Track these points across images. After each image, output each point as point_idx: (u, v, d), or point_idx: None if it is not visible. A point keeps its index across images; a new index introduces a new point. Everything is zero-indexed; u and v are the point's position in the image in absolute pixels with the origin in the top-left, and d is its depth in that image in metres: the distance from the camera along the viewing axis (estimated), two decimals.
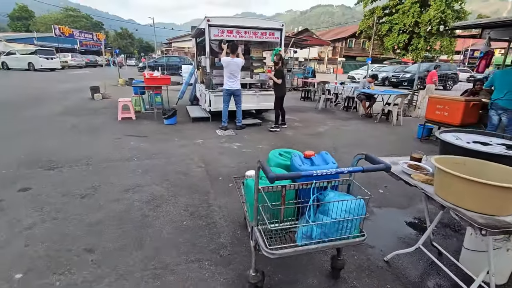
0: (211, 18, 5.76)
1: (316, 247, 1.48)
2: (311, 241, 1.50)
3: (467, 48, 39.84)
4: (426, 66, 18.49)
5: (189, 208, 2.86)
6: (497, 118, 4.36)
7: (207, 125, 6.46)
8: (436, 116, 5.35)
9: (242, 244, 2.33)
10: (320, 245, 1.49)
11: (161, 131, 5.80)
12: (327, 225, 1.48)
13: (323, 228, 1.49)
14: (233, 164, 4.11)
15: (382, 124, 7.24)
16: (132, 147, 4.71)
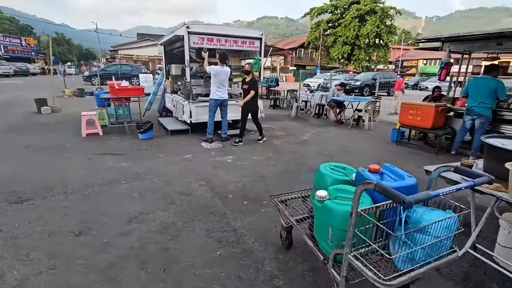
0: (190, 25, 5.44)
1: (425, 270, 1.37)
2: (415, 264, 1.39)
3: (398, 59, 45.25)
4: (372, 75, 20.42)
5: (213, 235, 2.54)
6: (470, 123, 4.88)
7: (188, 138, 6.03)
8: (409, 120, 5.81)
9: (292, 270, 2.13)
10: (427, 266, 1.39)
11: (139, 147, 5.21)
12: (430, 245, 1.39)
13: (426, 249, 1.40)
14: (235, 179, 3.84)
15: (355, 129, 7.64)
16: (113, 168, 4.11)
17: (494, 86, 4.67)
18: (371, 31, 33.05)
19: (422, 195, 1.15)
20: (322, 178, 2.01)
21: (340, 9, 36.14)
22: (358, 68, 36.70)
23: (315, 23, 37.84)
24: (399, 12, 34.21)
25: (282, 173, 4.16)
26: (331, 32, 36.27)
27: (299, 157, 4.95)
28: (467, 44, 5.48)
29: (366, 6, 32.93)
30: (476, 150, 4.85)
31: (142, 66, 22.63)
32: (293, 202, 2.45)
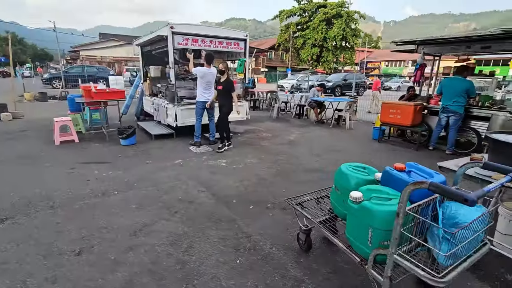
0: (175, 25, 5.23)
1: (468, 264, 1.43)
2: (456, 260, 1.44)
3: (363, 60, 47.73)
4: (342, 76, 21.29)
5: (228, 242, 2.44)
6: (445, 120, 5.26)
7: (174, 142, 5.79)
8: (390, 119, 6.12)
9: (316, 273, 2.10)
10: (469, 260, 1.44)
11: (124, 154, 4.88)
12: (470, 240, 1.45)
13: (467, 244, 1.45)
14: (235, 183, 3.76)
15: (336, 129, 7.87)
16: (101, 178, 3.80)
17: (466, 86, 5.08)
18: (337, 34, 34.48)
19: (479, 191, 1.19)
20: (345, 178, 2.02)
21: (308, 12, 37.25)
22: (327, 69, 38.09)
23: (285, 25, 38.64)
24: (363, 17, 36.06)
25: (279, 174, 4.15)
26: (300, 35, 37.26)
27: (291, 158, 4.97)
28: (440, 46, 5.90)
29: (333, 10, 34.31)
30: (451, 145, 5.24)
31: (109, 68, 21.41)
32: (307, 204, 2.44)
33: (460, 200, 1.14)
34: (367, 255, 1.65)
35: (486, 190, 1.22)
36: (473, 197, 1.11)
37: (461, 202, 1.15)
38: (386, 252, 1.49)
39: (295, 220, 2.83)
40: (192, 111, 5.74)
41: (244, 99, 6.69)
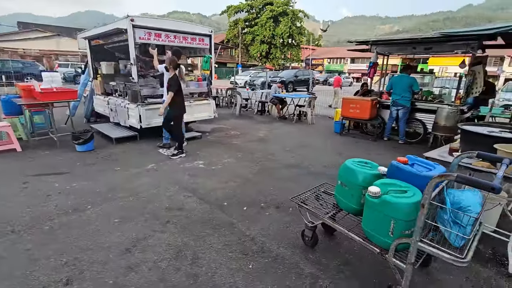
0: (135, 18, 4.78)
1: (476, 242, 1.63)
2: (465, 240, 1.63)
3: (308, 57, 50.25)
4: (294, 73, 22.13)
5: (234, 248, 2.37)
6: (395, 112, 5.88)
7: (139, 145, 5.34)
8: (350, 113, 6.60)
9: (329, 267, 2.18)
10: (476, 238, 1.65)
11: (83, 162, 4.33)
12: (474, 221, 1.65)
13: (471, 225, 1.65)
14: (221, 185, 3.64)
15: (299, 124, 8.18)
16: (64, 191, 3.32)
17: (410, 82, 5.74)
18: (284, 31, 35.64)
19: (498, 179, 1.36)
20: (353, 174, 2.11)
21: (256, 9, 37.64)
22: (275, 65, 39.18)
23: (233, 21, 38.47)
24: (307, 16, 37.87)
25: (261, 172, 4.15)
26: (249, 31, 37.50)
27: (267, 155, 5.02)
28: (389, 47, 6.53)
29: (279, 8, 35.25)
30: (402, 135, 5.91)
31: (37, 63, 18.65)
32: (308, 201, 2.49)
33: (488, 189, 1.29)
34: (386, 245, 1.76)
35: (499, 176, 1.41)
36: (498, 185, 1.27)
37: (489, 191, 1.30)
38: (409, 241, 1.62)
39: (292, 217, 2.88)
40: (157, 111, 5.37)
41: (210, 98, 6.49)
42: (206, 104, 6.28)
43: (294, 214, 2.94)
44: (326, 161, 4.76)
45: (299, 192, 3.37)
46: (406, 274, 1.66)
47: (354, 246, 2.43)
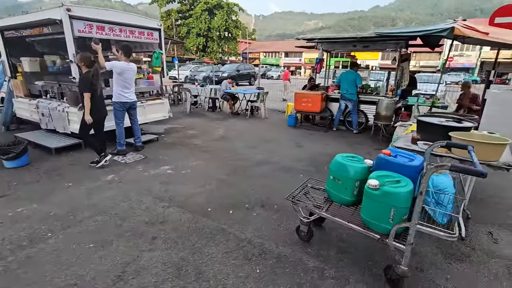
0: (72, 7, 4.11)
1: (458, 216, 1.93)
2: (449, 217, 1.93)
3: (245, 51, 50.76)
4: (236, 67, 22.09)
5: (234, 255, 2.32)
6: (344, 105, 6.46)
7: (87, 154, 4.67)
8: (303, 107, 6.98)
9: (329, 257, 2.32)
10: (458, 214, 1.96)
11: (20, 181, 3.61)
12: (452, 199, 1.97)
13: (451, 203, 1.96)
14: (197, 190, 3.49)
15: (253, 119, 8.29)
16: (9, 220, 2.73)
17: (354, 77, 6.37)
18: (221, 24, 35.18)
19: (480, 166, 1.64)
20: (344, 168, 2.26)
21: (189, 0, 36.12)
22: (213, 59, 38.51)
23: (165, 12, 36.21)
24: (242, 9, 38.01)
25: (234, 172, 4.10)
26: (184, 23, 35.87)
27: (234, 154, 4.97)
28: (333, 44, 7.06)
29: (213, 0, 34.52)
30: (356, 126, 6.53)
31: None
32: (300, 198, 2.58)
33: (478, 174, 1.55)
34: (386, 231, 1.96)
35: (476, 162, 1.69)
36: (486, 172, 1.54)
37: (479, 176, 1.56)
38: (408, 224, 1.84)
39: (279, 215, 2.96)
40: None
41: (164, 96, 6.06)
42: (159, 104, 5.85)
43: (281, 211, 3.02)
44: (291, 155, 4.96)
45: (277, 188, 3.51)
46: (406, 253, 1.89)
47: (343, 234, 2.64)
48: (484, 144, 2.29)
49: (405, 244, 1.88)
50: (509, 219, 3.00)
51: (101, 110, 4.10)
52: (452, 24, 4.23)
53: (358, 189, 2.25)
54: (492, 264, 2.31)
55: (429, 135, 2.85)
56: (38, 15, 4.37)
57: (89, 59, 3.88)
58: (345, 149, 5.37)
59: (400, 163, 2.09)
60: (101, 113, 4.11)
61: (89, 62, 3.87)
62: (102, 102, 4.16)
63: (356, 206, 2.34)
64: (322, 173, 4.11)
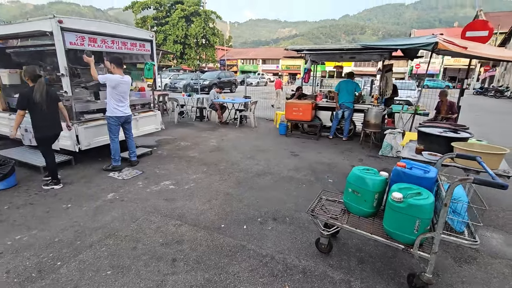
0: (64, 19, 3.92)
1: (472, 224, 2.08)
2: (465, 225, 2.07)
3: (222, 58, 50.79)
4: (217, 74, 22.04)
5: (260, 272, 2.31)
6: (341, 113, 6.68)
7: (78, 171, 4.45)
8: (294, 116, 7.12)
9: (351, 268, 2.38)
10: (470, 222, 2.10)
11: (11, 204, 3.35)
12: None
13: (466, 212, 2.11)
14: (205, 206, 3.43)
15: (243, 128, 8.30)
16: (9, 249, 2.52)
17: (354, 86, 6.62)
18: (198, 31, 35.04)
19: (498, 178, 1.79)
20: (363, 181, 2.35)
21: (165, 7, 35.64)
22: (191, 66, 38.16)
23: (140, 18, 35.41)
24: (219, 17, 38.13)
25: (237, 185, 4.09)
26: (160, 30, 35.28)
27: (232, 165, 4.96)
28: (320, 55, 7.32)
29: (190, 8, 34.37)
30: (346, 133, 6.76)
31: None
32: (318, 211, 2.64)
33: (499, 187, 1.69)
34: (410, 241, 2.07)
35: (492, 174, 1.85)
36: (507, 184, 1.68)
37: (500, 188, 1.70)
38: (433, 234, 1.95)
39: (293, 228, 3.00)
40: (98, 129, 4.64)
41: (156, 108, 5.92)
42: (152, 116, 5.71)
43: (294, 224, 3.06)
44: (289, 164, 5.04)
45: (284, 200, 3.57)
46: (431, 262, 2.00)
47: (358, 244, 2.72)
48: (486, 154, 2.49)
49: (429, 253, 2.00)
50: (500, 220, 3.26)
51: (50, 127, 3.74)
52: (436, 39, 4.55)
53: (377, 201, 2.36)
54: (497, 264, 2.50)
55: (431, 145, 3.05)
56: (26, 26, 4.12)
57: (33, 73, 3.64)
58: (338, 157, 5.55)
59: (418, 175, 2.22)
60: (50, 130, 3.75)
61: (34, 77, 3.62)
62: (54, 119, 3.77)
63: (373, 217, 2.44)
64: (322, 182, 4.23)
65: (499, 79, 28.01)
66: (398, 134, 5.47)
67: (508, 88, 22.38)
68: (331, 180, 4.37)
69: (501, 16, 38.00)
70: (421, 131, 3.16)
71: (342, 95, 6.59)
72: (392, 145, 5.50)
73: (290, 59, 46.27)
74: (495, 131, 8.46)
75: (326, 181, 4.30)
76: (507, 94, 21.49)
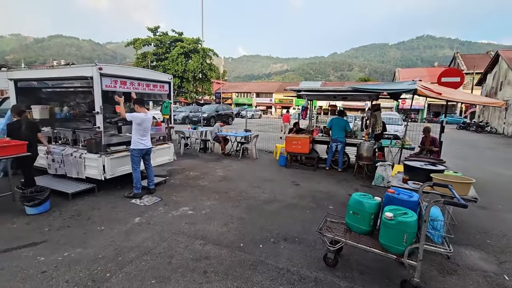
0: (103, 66, 4.64)
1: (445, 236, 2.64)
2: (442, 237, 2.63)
3: (218, 91, 52.82)
4: (215, 107, 23.06)
5: (280, 281, 2.76)
6: (335, 147, 7.39)
7: (103, 198, 4.88)
8: (293, 149, 7.79)
9: (355, 278, 2.86)
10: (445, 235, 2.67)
11: (50, 226, 3.75)
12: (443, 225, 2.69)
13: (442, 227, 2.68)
14: (224, 228, 3.89)
15: (245, 159, 8.89)
16: (61, 264, 2.92)
17: (344, 123, 7.41)
18: (196, 67, 36.97)
19: (461, 200, 2.40)
20: (362, 205, 2.94)
21: (165, 44, 37.85)
22: (188, 99, 39.61)
23: (141, 53, 37.40)
24: (216, 54, 40.50)
25: (249, 210, 4.57)
26: (159, 65, 37.10)
27: (241, 193, 5.46)
28: (317, 95, 8.22)
29: (190, 45, 36.62)
30: (341, 165, 7.42)
31: None
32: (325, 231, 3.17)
33: (462, 206, 2.29)
34: (401, 252, 2.60)
35: (458, 197, 2.46)
36: (467, 204, 2.29)
37: (462, 207, 2.30)
38: (418, 245, 2.50)
39: (303, 246, 3.48)
40: (122, 160, 5.16)
41: (170, 141, 6.52)
42: (166, 148, 6.28)
43: (302, 243, 3.54)
44: (292, 193, 5.58)
45: (291, 223, 4.10)
46: (418, 268, 2.52)
47: (359, 259, 3.21)
48: (457, 183, 3.13)
49: (416, 260, 2.53)
50: (476, 240, 3.82)
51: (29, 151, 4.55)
52: (415, 86, 5.43)
53: (373, 220, 2.92)
54: (474, 275, 3.01)
55: (415, 175, 3.69)
56: (71, 71, 4.81)
57: (19, 110, 4.74)
58: (335, 186, 6.14)
59: (404, 199, 2.82)
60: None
61: (19, 112, 4.71)
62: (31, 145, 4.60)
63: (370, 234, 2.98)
64: (323, 209, 4.75)
65: (479, 115, 30.02)
66: (388, 166, 6.15)
67: (488, 124, 24.02)
68: (331, 206, 4.91)
69: (476, 58, 41.62)
70: (406, 164, 3.82)
71: (334, 131, 7.35)
72: (383, 176, 6.14)
73: (283, 93, 48.47)
74: (473, 164, 9.28)
75: (326, 208, 4.83)
76: (487, 129, 23.03)
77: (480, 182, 6.17)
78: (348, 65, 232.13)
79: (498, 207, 5.17)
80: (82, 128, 5.39)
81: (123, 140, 5.42)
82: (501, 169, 8.47)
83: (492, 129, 22.93)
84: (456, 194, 2.57)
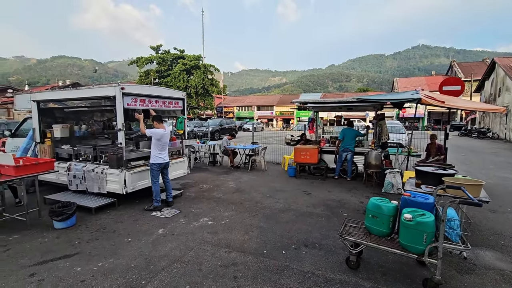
0: (125, 86, 4.93)
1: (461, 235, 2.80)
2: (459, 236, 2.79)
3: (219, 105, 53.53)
4: (219, 122, 23.42)
5: (309, 284, 2.90)
6: (344, 156, 7.59)
7: (125, 211, 5.04)
8: (302, 159, 7.99)
9: (378, 279, 2.99)
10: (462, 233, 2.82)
11: (80, 239, 3.91)
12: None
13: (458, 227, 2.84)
14: (245, 236, 4.04)
15: (254, 171, 9.07)
16: (97, 273, 3.07)
17: (355, 133, 7.65)
18: (198, 83, 37.74)
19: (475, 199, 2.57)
20: (380, 208, 3.11)
21: (167, 61, 38.82)
22: (191, 113, 40.15)
23: (144, 71, 38.32)
24: (217, 69, 41.42)
25: (267, 220, 4.72)
26: (162, 81, 37.90)
27: (256, 203, 5.62)
28: (323, 107, 8.50)
29: (191, 62, 37.52)
30: (349, 174, 7.59)
31: None
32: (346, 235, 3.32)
33: (477, 205, 2.47)
34: (421, 251, 2.75)
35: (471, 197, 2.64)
36: (481, 203, 2.47)
37: (477, 206, 2.48)
38: (437, 244, 2.66)
39: (323, 252, 3.61)
40: (142, 174, 5.37)
41: (184, 155, 6.73)
42: (181, 161, 6.49)
43: (323, 249, 3.68)
44: (305, 202, 5.73)
45: (309, 230, 4.27)
46: (438, 266, 2.67)
47: (379, 261, 3.35)
48: (468, 185, 3.31)
49: (436, 259, 2.68)
50: (489, 242, 3.95)
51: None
52: (419, 95, 5.68)
53: (392, 223, 3.08)
54: (491, 273, 3.14)
55: (427, 180, 3.87)
56: (95, 91, 5.10)
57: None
58: (346, 194, 6.29)
59: (421, 201, 3.00)
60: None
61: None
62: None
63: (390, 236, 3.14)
64: (338, 216, 4.89)
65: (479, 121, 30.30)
66: (397, 173, 6.33)
67: (490, 130, 24.21)
68: (345, 214, 5.05)
69: (472, 65, 42.36)
70: (418, 170, 4.01)
71: (346, 140, 7.58)
72: (392, 183, 6.31)
73: (283, 105, 49.07)
74: (479, 169, 9.42)
75: (341, 215, 4.97)
76: (489, 135, 23.21)
77: (487, 186, 6.33)
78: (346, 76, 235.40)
79: (507, 209, 5.30)
80: (102, 145, 5.63)
81: (141, 155, 5.65)
82: (507, 174, 8.60)
83: (494, 134, 23.11)
84: (469, 194, 2.75)
